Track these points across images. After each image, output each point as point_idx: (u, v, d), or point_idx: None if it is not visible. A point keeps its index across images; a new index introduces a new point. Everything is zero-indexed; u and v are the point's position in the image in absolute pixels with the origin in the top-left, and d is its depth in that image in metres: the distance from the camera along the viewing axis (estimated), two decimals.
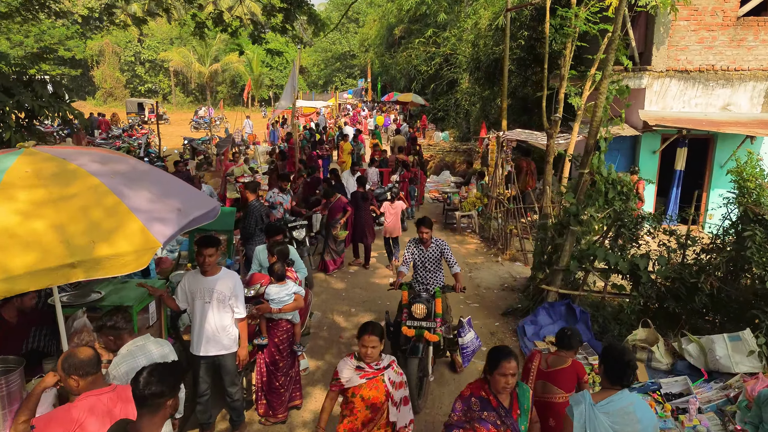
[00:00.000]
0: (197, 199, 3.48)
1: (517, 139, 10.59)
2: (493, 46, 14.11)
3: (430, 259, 5.41)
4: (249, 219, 6.88)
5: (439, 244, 5.43)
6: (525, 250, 8.91)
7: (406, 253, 5.46)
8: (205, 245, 3.94)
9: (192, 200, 3.41)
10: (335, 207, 8.39)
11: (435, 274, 5.47)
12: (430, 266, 5.41)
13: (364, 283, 7.94)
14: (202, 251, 3.91)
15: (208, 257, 3.91)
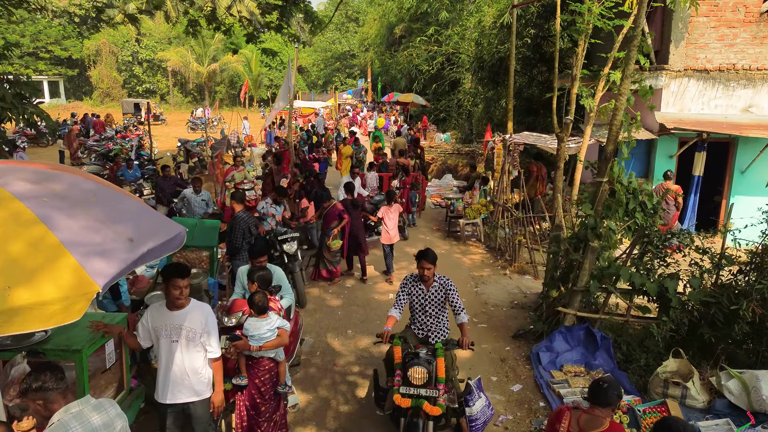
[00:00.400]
0: (156, 224, 2.88)
1: (525, 142, 9.98)
2: (497, 45, 13.51)
3: (432, 302, 4.39)
4: (235, 232, 6.29)
5: (443, 284, 4.42)
6: (535, 262, 8.31)
7: (400, 294, 4.45)
8: (177, 275, 3.33)
9: (149, 226, 2.80)
10: (330, 214, 7.81)
11: (437, 320, 4.44)
12: (431, 311, 4.40)
13: (362, 299, 7.34)
14: (175, 283, 3.30)
15: (184, 289, 3.31)
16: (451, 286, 4.42)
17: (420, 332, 4.47)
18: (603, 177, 6.21)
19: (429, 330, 4.43)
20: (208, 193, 8.89)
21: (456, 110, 24.20)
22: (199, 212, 8.38)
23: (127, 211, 2.80)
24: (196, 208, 8.50)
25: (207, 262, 5.64)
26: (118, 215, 2.72)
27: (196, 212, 8.41)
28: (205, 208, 8.54)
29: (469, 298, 7.41)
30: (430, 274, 4.31)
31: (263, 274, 4.13)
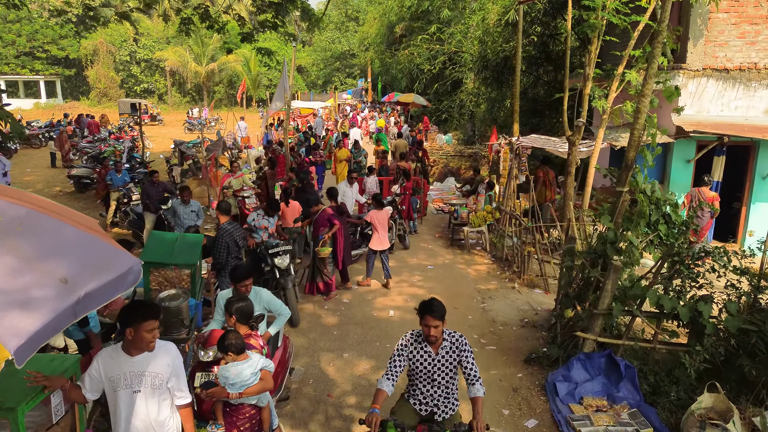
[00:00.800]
0: (103, 258, 2.34)
1: (533, 146, 9.44)
2: (502, 43, 12.97)
3: (443, 368, 3.36)
4: (218, 246, 5.76)
5: (456, 344, 3.38)
6: (545, 275, 7.77)
7: (395, 358, 3.39)
8: (150, 315, 2.78)
9: (93, 261, 2.26)
10: (320, 220, 7.28)
11: (447, 390, 3.42)
12: (441, 379, 3.39)
13: (360, 317, 6.80)
14: (148, 326, 2.75)
15: (153, 333, 2.77)
16: (466, 346, 3.39)
17: (423, 407, 3.44)
18: (623, 186, 5.68)
19: (436, 404, 3.42)
20: (198, 204, 8.17)
21: (458, 111, 23.66)
22: (188, 224, 7.73)
23: (65, 243, 2.26)
24: (185, 220, 7.85)
25: (188, 281, 5.10)
26: (52, 249, 2.18)
27: (184, 224, 7.75)
28: (194, 221, 7.88)
29: (476, 315, 6.87)
30: (437, 333, 3.28)
31: (242, 306, 3.58)
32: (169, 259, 5.00)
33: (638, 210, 5.71)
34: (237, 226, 6.20)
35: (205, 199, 13.30)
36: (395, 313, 6.93)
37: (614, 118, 8.71)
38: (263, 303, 4.25)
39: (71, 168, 14.89)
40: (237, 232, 6.06)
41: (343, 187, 9.04)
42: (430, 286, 7.88)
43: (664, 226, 5.91)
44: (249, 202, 9.67)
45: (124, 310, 2.86)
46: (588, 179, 8.87)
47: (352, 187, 9.02)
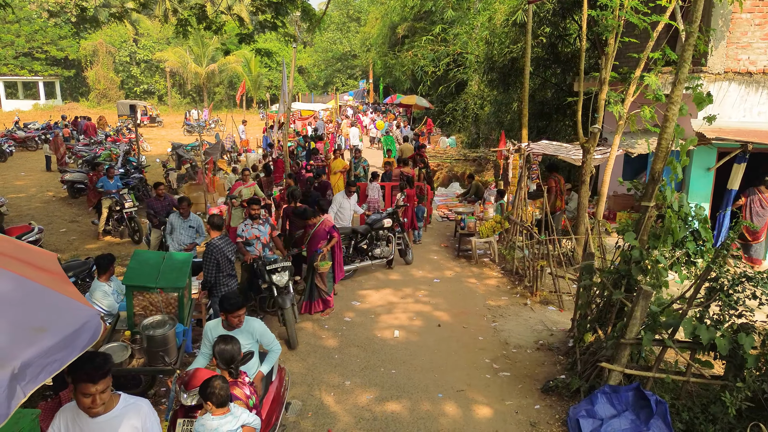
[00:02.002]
0: (49, 314, 1.89)
1: (544, 152, 8.98)
2: (509, 44, 12.52)
3: None
4: (208, 264, 5.33)
5: None
6: (559, 291, 7.30)
7: None
8: (79, 378, 2.31)
9: (29, 323, 1.82)
10: (319, 233, 6.84)
11: None
12: None
13: (362, 338, 6.35)
14: (83, 389, 2.30)
15: (99, 395, 2.31)
16: None
17: None
18: (649, 200, 5.23)
19: None
20: (199, 220, 7.34)
21: (461, 113, 23.22)
22: (186, 242, 7.00)
23: (7, 300, 1.82)
24: (182, 237, 7.07)
25: (175, 306, 4.66)
26: None
27: (183, 242, 7.02)
28: (193, 237, 7.16)
29: (487, 336, 6.42)
30: None
31: (225, 348, 3.13)
32: (154, 282, 4.55)
33: (665, 226, 5.26)
34: (228, 240, 5.76)
35: (202, 205, 12.87)
36: (400, 333, 6.48)
37: (630, 124, 8.27)
38: (256, 335, 3.81)
39: (64, 172, 14.46)
40: (228, 247, 5.63)
41: (339, 199, 8.46)
42: (437, 303, 7.43)
43: (693, 244, 5.46)
44: None
45: (70, 368, 2.38)
46: (602, 188, 8.43)
47: (350, 199, 8.56)
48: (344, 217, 8.41)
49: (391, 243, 8.48)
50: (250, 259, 6.15)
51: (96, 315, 2.03)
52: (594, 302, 5.84)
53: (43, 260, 2.34)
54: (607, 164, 8.30)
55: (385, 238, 8.46)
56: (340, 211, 8.36)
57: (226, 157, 19.96)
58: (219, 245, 5.50)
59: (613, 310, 5.34)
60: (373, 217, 8.56)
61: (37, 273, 2.11)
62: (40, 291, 1.97)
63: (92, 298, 5.33)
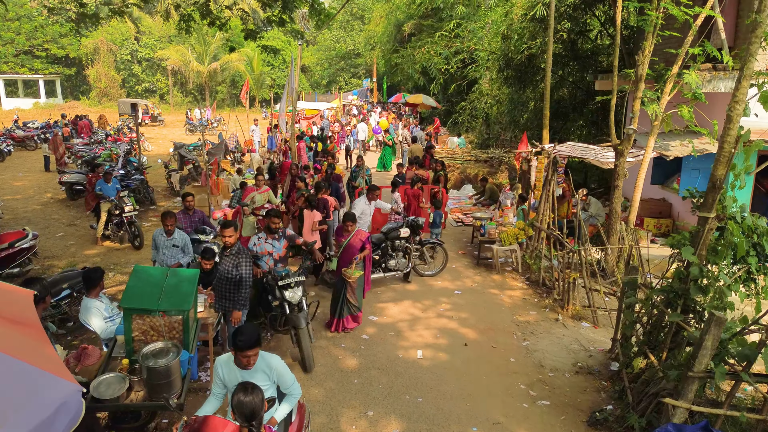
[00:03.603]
0: (22, 395, 1.34)
1: (571, 155, 8.42)
2: (528, 40, 11.95)
3: None
4: (219, 280, 4.80)
5: None
6: (594, 306, 6.74)
7: None
8: None
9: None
10: (353, 244, 6.27)
11: None
12: None
13: (383, 359, 5.80)
14: None
15: None
16: None
17: None
18: (709, 211, 4.67)
19: None
20: (185, 237, 6.31)
21: (470, 112, 22.63)
22: (169, 264, 6.07)
23: None
24: (166, 257, 6.09)
25: (180, 330, 4.12)
26: None
27: (165, 263, 6.09)
28: (178, 257, 6.19)
29: (519, 357, 5.87)
30: None
31: (245, 401, 2.57)
32: (156, 304, 4.01)
33: (725, 240, 4.71)
34: (244, 251, 5.22)
35: (206, 208, 12.34)
36: (424, 353, 5.93)
37: (665, 125, 7.70)
38: (273, 376, 3.26)
39: (63, 173, 13.93)
40: (240, 257, 5.10)
41: (361, 206, 7.84)
42: (462, 318, 6.88)
43: (755, 259, 4.92)
44: None
45: None
46: (635, 193, 7.87)
47: (370, 204, 8.03)
48: (363, 225, 7.87)
49: (408, 255, 7.91)
50: (259, 274, 5.60)
51: (77, 391, 1.50)
52: (639, 322, 5.30)
53: (16, 307, 1.81)
54: (640, 168, 7.73)
55: (402, 249, 7.89)
56: (360, 218, 7.80)
57: (229, 158, 19.44)
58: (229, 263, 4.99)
59: (668, 334, 4.78)
60: (389, 225, 8.01)
61: (7, 332, 1.56)
62: (8, 362, 1.43)
63: (86, 319, 4.79)
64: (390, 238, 7.76)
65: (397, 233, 7.75)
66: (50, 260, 9.48)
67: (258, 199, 8.43)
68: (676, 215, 9.74)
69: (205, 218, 7.51)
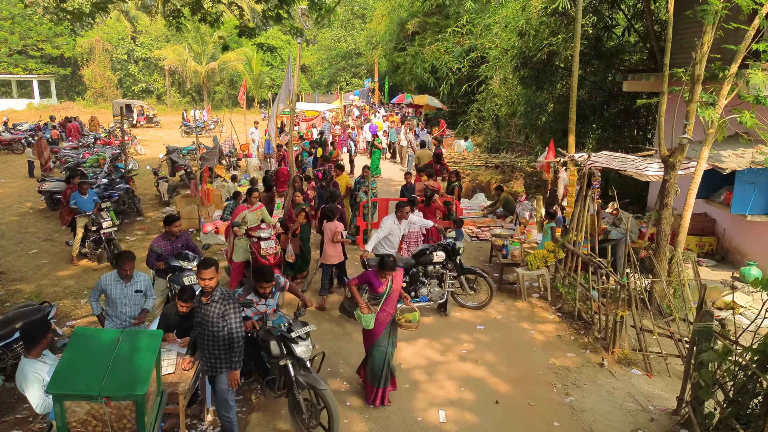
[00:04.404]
0: None
1: (608, 166, 7.35)
2: (548, 36, 10.89)
3: None
4: (202, 335, 3.74)
5: None
6: (646, 349, 5.68)
7: None
8: None
9: None
10: (397, 289, 4.93)
11: None
12: None
13: (399, 425, 4.73)
14: None
15: None
16: None
17: None
18: None
19: None
20: (146, 279, 4.99)
21: (476, 114, 21.57)
22: (132, 316, 4.80)
23: None
24: (126, 308, 4.77)
25: (132, 419, 3.07)
26: None
27: (124, 316, 4.77)
28: (140, 304, 4.91)
29: (564, 420, 4.80)
30: None
31: None
32: (97, 387, 2.94)
33: None
34: (230, 296, 4.14)
35: (195, 221, 11.30)
36: (448, 413, 4.87)
37: (720, 132, 6.65)
38: None
39: (43, 181, 12.88)
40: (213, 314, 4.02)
41: (388, 224, 6.72)
42: (489, 362, 5.82)
43: None
44: (266, 246, 6.77)
45: None
46: (684, 212, 6.81)
47: (401, 224, 6.81)
48: (391, 245, 6.84)
49: (444, 283, 6.80)
50: (250, 326, 4.51)
51: None
52: (719, 384, 4.24)
53: None
54: (691, 182, 6.67)
55: (436, 275, 6.80)
56: (387, 239, 6.78)
57: (225, 162, 18.38)
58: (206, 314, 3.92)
59: (766, 404, 3.72)
60: (422, 247, 6.92)
61: None
62: None
63: (22, 387, 3.73)
64: (422, 262, 6.69)
65: (430, 257, 6.67)
66: (17, 283, 8.43)
67: (250, 219, 7.32)
68: (721, 233, 8.68)
69: (189, 241, 6.41)
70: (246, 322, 4.39)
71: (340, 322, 6.74)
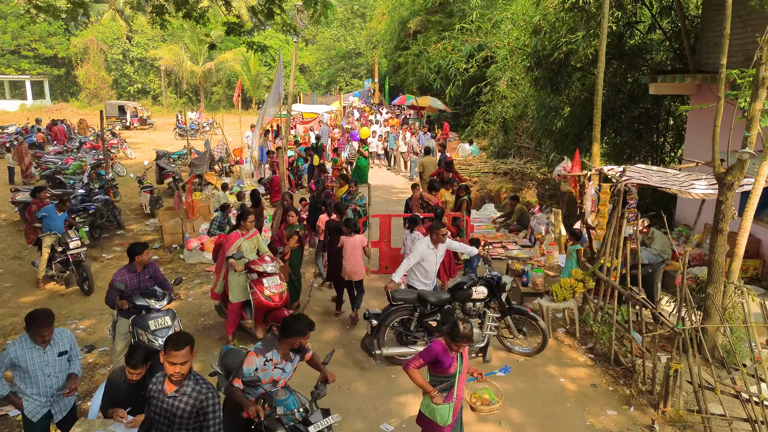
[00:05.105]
0: None
1: (646, 183, 6.34)
2: (566, 33, 9.90)
3: None
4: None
5: None
6: (706, 411, 4.68)
7: None
8: None
9: None
10: (466, 361, 3.78)
11: None
12: None
13: None
14: None
15: None
16: None
17: None
18: None
19: None
20: (70, 338, 3.92)
21: (481, 116, 20.58)
22: (55, 388, 3.76)
23: None
24: (47, 380, 3.72)
25: None
26: None
27: (47, 389, 3.73)
28: (66, 371, 3.83)
29: None
30: None
31: None
32: None
33: None
34: (206, 386, 3.09)
35: (179, 236, 10.30)
36: None
37: None
38: None
39: (16, 191, 11.89)
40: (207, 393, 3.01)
41: (423, 249, 5.77)
42: (514, 423, 4.83)
43: None
44: (270, 284, 5.69)
45: None
46: (739, 238, 5.81)
47: (437, 249, 5.85)
48: (426, 274, 5.89)
49: (484, 324, 5.72)
50: (254, 414, 3.31)
51: None
52: None
53: None
54: (749, 201, 5.68)
55: (476, 314, 5.73)
56: (421, 267, 5.82)
57: (217, 167, 17.38)
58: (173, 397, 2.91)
59: None
60: (459, 280, 5.87)
61: None
62: None
63: None
64: (458, 298, 5.68)
65: (468, 293, 5.63)
66: None
67: (246, 248, 6.18)
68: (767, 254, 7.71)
69: (158, 275, 5.37)
70: (249, 408, 3.28)
71: (338, 364, 5.73)
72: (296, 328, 3.54)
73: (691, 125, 9.48)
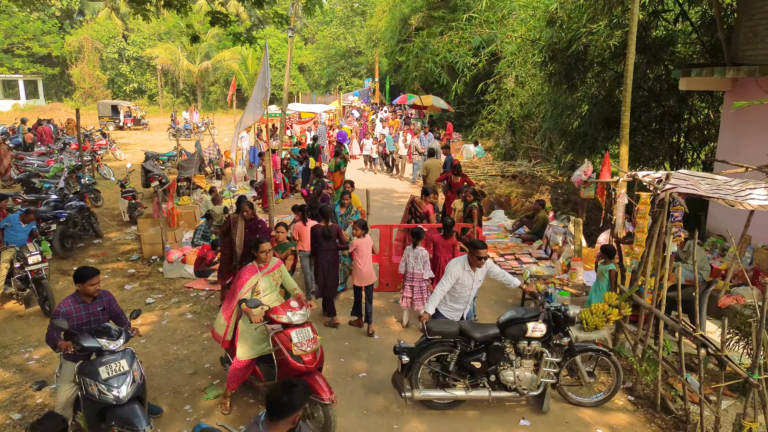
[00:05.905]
0: None
1: (694, 193, 5.38)
2: (586, 23, 8.95)
3: None
4: None
5: None
6: None
7: None
8: None
9: None
10: None
11: None
12: None
13: None
14: None
15: None
16: None
17: None
18: None
19: None
20: None
21: (487, 115, 19.65)
22: None
23: None
24: None
25: None
26: None
27: None
28: None
29: None
30: None
31: None
32: None
33: None
34: None
35: (159, 246, 9.36)
36: None
37: None
38: None
39: None
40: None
41: (456, 271, 4.86)
42: None
43: None
44: (299, 339, 4.19)
45: None
46: None
47: (475, 273, 4.91)
48: (457, 299, 5.02)
49: (540, 366, 4.65)
50: None
51: None
52: None
53: None
54: None
55: (532, 355, 4.70)
56: (455, 291, 4.93)
57: (209, 170, 16.45)
58: None
59: None
60: (510, 314, 4.74)
61: None
62: None
63: None
64: (510, 335, 4.66)
65: (523, 329, 4.59)
66: None
67: (264, 287, 4.68)
68: None
69: (113, 306, 4.37)
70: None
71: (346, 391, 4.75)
72: (293, 401, 2.55)
73: (725, 125, 8.53)
